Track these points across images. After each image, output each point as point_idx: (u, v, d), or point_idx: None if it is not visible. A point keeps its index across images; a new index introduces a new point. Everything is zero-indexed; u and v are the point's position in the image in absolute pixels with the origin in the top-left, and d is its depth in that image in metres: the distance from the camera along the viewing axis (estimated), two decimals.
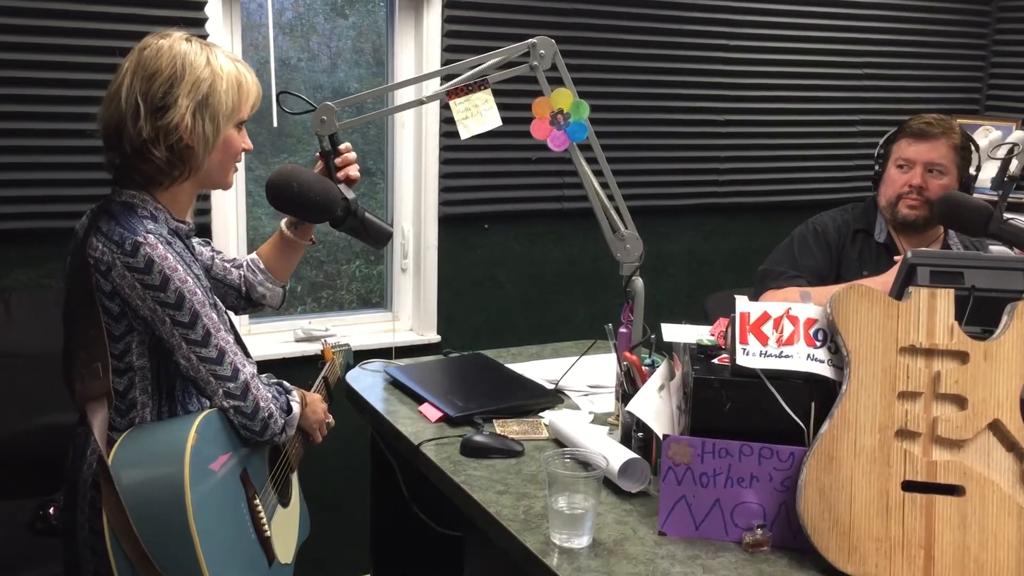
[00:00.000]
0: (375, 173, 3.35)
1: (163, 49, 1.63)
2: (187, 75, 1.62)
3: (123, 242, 1.56)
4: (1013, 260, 1.68)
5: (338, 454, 3.12)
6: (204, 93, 1.63)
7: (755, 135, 3.76)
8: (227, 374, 1.62)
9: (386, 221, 2.00)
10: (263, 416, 1.65)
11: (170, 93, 1.61)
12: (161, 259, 1.56)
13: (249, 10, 2.99)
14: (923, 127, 2.44)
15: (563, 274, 3.51)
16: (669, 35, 3.50)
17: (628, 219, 2.12)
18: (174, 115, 1.61)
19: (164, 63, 1.62)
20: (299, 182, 1.84)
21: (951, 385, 1.51)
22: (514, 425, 2.04)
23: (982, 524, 1.47)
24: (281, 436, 1.71)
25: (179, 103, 1.61)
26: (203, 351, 1.60)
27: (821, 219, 2.58)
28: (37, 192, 2.67)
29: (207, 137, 1.65)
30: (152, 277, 1.56)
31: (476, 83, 2.02)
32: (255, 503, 1.70)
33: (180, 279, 1.58)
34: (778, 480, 1.55)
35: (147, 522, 1.49)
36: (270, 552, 1.73)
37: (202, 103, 1.63)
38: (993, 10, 4.15)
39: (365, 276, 3.46)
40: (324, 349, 2.22)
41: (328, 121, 1.91)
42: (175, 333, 1.59)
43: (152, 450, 1.57)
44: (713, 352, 1.73)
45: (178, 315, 1.58)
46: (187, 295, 1.58)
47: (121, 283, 1.56)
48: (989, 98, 4.22)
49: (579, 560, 1.51)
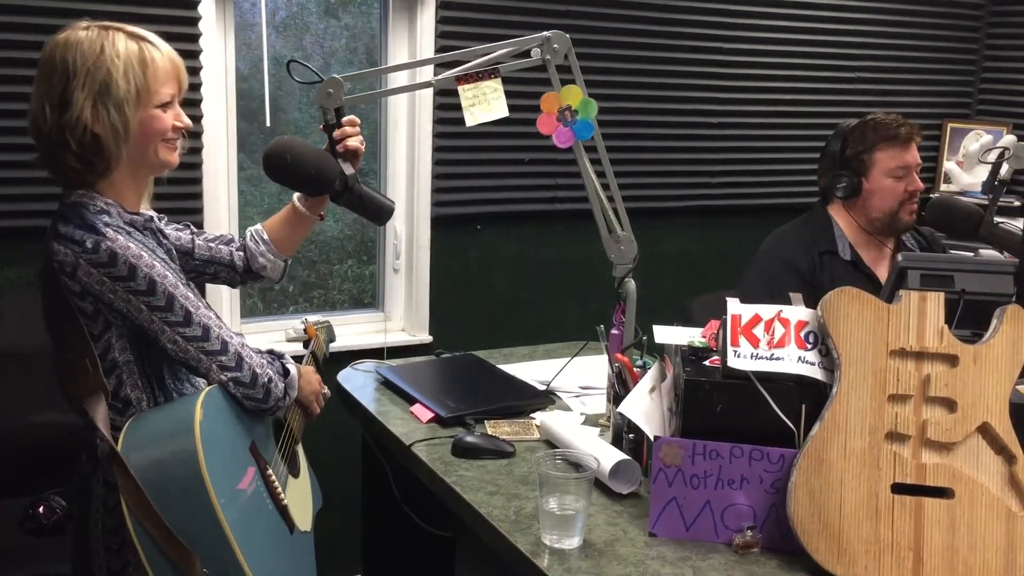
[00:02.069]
0: (368, 173, 3.35)
1: (58, 45, 1.60)
2: (80, 67, 1.57)
3: (83, 240, 1.54)
4: (1002, 264, 1.69)
5: (329, 454, 3.11)
6: (101, 82, 1.58)
7: (748, 138, 3.77)
8: (217, 348, 1.61)
9: (386, 196, 1.98)
10: (263, 382, 1.65)
11: (67, 88, 1.57)
12: (123, 249, 1.54)
13: (242, 9, 2.99)
14: (906, 131, 2.41)
15: (555, 275, 3.52)
16: (662, 38, 3.51)
17: (625, 221, 2.12)
18: (75, 110, 1.57)
19: (58, 60, 1.58)
20: (293, 154, 1.83)
21: (941, 388, 1.51)
22: (505, 426, 2.04)
23: (971, 526, 1.48)
24: (284, 400, 1.70)
25: (76, 97, 1.57)
26: (187, 330, 1.59)
27: (782, 247, 2.50)
28: (28, 190, 2.66)
29: (115, 126, 1.59)
30: (119, 269, 1.54)
31: (487, 71, 2.00)
32: (268, 473, 1.69)
33: (147, 264, 1.56)
34: (768, 482, 1.56)
35: (167, 500, 1.48)
36: (289, 520, 1.73)
37: (101, 92, 1.58)
38: (985, 15, 4.16)
39: (357, 276, 3.46)
40: (307, 327, 2.19)
41: (335, 94, 1.89)
42: (155, 319, 1.57)
43: (161, 428, 1.57)
44: (704, 354, 1.73)
45: (153, 300, 1.56)
46: (157, 279, 1.56)
47: (89, 281, 1.55)
48: (980, 102, 4.24)
49: (570, 561, 1.51)
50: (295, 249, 2.03)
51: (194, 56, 2.77)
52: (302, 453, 1.99)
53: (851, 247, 2.46)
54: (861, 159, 2.43)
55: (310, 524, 1.87)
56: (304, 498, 1.90)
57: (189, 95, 2.77)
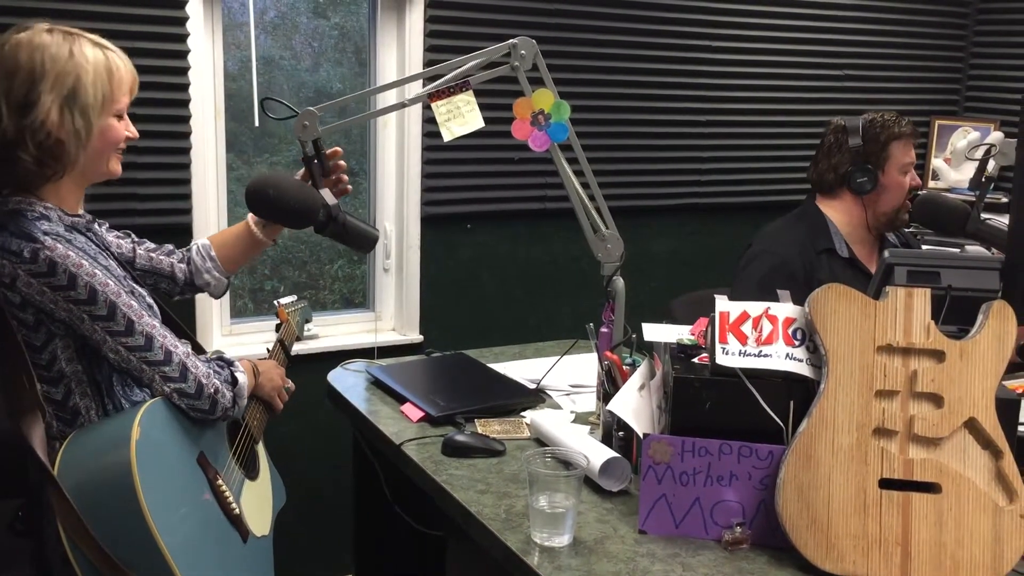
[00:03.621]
0: (357, 173, 3.35)
1: (22, 43, 1.56)
2: (48, 69, 1.55)
3: (21, 251, 1.51)
4: (989, 260, 1.70)
5: (320, 454, 3.12)
6: (70, 87, 1.56)
7: (737, 136, 3.78)
8: (160, 358, 1.58)
9: (371, 225, 2.00)
10: (209, 392, 1.61)
11: (33, 90, 1.54)
12: (63, 258, 1.52)
13: (231, 9, 2.98)
14: (911, 128, 2.42)
15: (545, 274, 3.52)
16: (651, 36, 3.51)
17: (609, 219, 2.12)
18: (39, 113, 1.54)
19: (23, 59, 1.55)
20: (276, 188, 1.84)
21: (927, 384, 1.52)
22: (496, 424, 2.05)
23: (958, 521, 1.49)
24: (233, 410, 1.67)
25: (42, 100, 1.54)
26: (129, 340, 1.56)
27: (776, 249, 2.47)
28: None
29: (78, 132, 1.58)
30: (59, 278, 1.51)
31: (458, 85, 2.02)
32: (218, 484, 1.67)
33: (88, 273, 1.53)
34: (757, 478, 1.56)
35: (103, 525, 1.45)
36: (243, 529, 1.71)
37: (69, 97, 1.56)
38: (972, 12, 4.18)
39: (348, 276, 3.45)
40: (278, 310, 2.15)
41: (311, 126, 1.91)
42: (96, 328, 1.55)
43: (96, 448, 1.54)
44: (693, 351, 1.74)
45: (95, 309, 1.54)
46: (98, 288, 1.54)
47: (29, 291, 1.52)
48: (968, 99, 4.26)
49: (560, 559, 1.51)
50: (239, 268, 2.02)
51: (182, 56, 2.77)
52: (263, 451, 1.96)
53: (846, 244, 2.47)
54: (878, 155, 2.43)
55: (268, 527, 1.85)
56: (262, 500, 1.88)
57: (178, 95, 2.79)
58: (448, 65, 2.05)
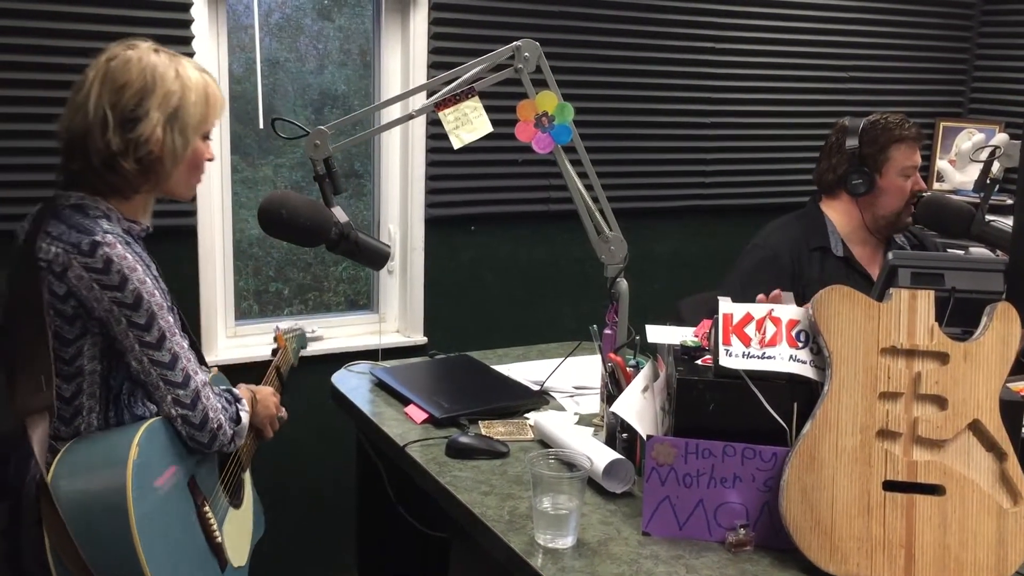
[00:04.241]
0: (362, 175, 3.35)
1: (132, 60, 1.62)
2: (158, 87, 1.61)
3: (79, 243, 1.54)
4: (993, 262, 1.70)
5: (324, 455, 3.12)
6: (175, 106, 1.63)
7: (741, 137, 3.78)
8: (178, 380, 1.60)
9: (381, 242, 2.00)
10: (211, 427, 1.63)
11: (140, 106, 1.60)
12: (120, 259, 1.54)
13: (236, 11, 2.99)
14: (916, 132, 2.41)
15: (549, 276, 3.52)
16: (655, 37, 3.51)
17: (612, 221, 2.12)
18: (145, 128, 1.60)
19: (134, 74, 1.60)
20: (288, 208, 1.85)
21: (931, 386, 1.52)
22: (499, 426, 2.05)
23: (962, 523, 1.48)
24: (230, 446, 1.69)
25: (151, 115, 1.60)
26: (156, 354, 1.58)
27: (770, 242, 2.49)
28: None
29: (176, 149, 1.64)
30: (111, 277, 1.54)
31: (464, 91, 2.02)
32: (204, 510, 1.67)
33: (139, 279, 1.56)
34: (761, 480, 1.56)
35: (90, 542, 1.45)
36: (222, 558, 1.71)
37: (173, 115, 1.63)
38: (976, 13, 4.18)
39: (352, 278, 3.46)
40: (277, 335, 2.18)
41: (322, 145, 1.92)
42: (129, 334, 1.57)
43: (92, 463, 1.53)
44: (696, 353, 1.74)
45: (135, 316, 1.56)
46: (145, 296, 1.56)
47: (78, 284, 1.54)
48: (972, 100, 4.25)
49: (563, 560, 1.51)
50: None
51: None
52: (248, 480, 1.97)
53: (843, 244, 2.46)
54: (876, 157, 2.41)
55: (246, 558, 1.85)
56: (243, 530, 1.87)
57: None
58: (450, 75, 2.05)
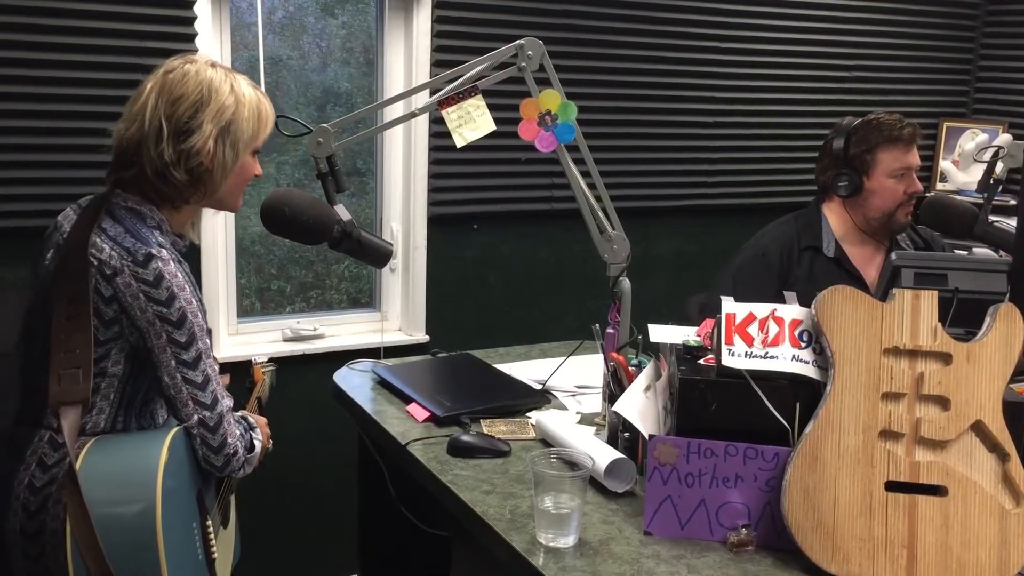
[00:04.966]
0: (365, 173, 3.35)
1: (189, 74, 1.65)
2: (213, 101, 1.64)
3: (135, 251, 1.55)
4: (996, 262, 1.69)
5: (325, 454, 3.12)
6: (228, 120, 1.65)
7: (745, 136, 3.78)
8: (207, 402, 1.62)
9: (384, 240, 2.00)
10: (227, 452, 1.65)
11: (195, 118, 1.63)
12: (171, 276, 1.56)
13: (239, 9, 2.99)
14: (910, 132, 2.40)
15: (551, 275, 3.52)
16: (659, 36, 3.51)
17: (615, 220, 2.12)
18: (198, 140, 1.62)
19: (191, 87, 1.63)
20: (291, 206, 1.85)
21: (934, 386, 1.52)
22: (501, 425, 2.05)
23: (964, 524, 1.48)
24: (239, 473, 1.71)
25: (204, 128, 1.63)
26: (190, 373, 1.60)
27: (762, 240, 2.50)
28: (26, 191, 2.65)
29: (226, 163, 1.66)
30: (160, 292, 1.56)
31: (467, 90, 2.02)
32: (207, 524, 1.69)
33: (186, 299, 1.58)
34: (763, 480, 1.56)
35: (115, 539, 1.45)
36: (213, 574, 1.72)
37: (225, 129, 1.65)
38: (981, 13, 4.17)
39: (354, 276, 3.46)
40: (255, 368, 2.22)
41: (324, 143, 1.91)
42: (168, 350, 1.58)
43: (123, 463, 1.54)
44: (699, 353, 1.73)
45: (176, 333, 1.58)
46: (189, 316, 1.58)
47: (125, 291, 1.55)
48: (976, 101, 4.25)
49: (565, 560, 1.51)
50: None
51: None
52: (234, 503, 1.98)
53: (837, 245, 2.46)
54: (863, 158, 2.41)
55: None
56: (227, 551, 1.89)
57: None
58: (454, 72, 2.05)
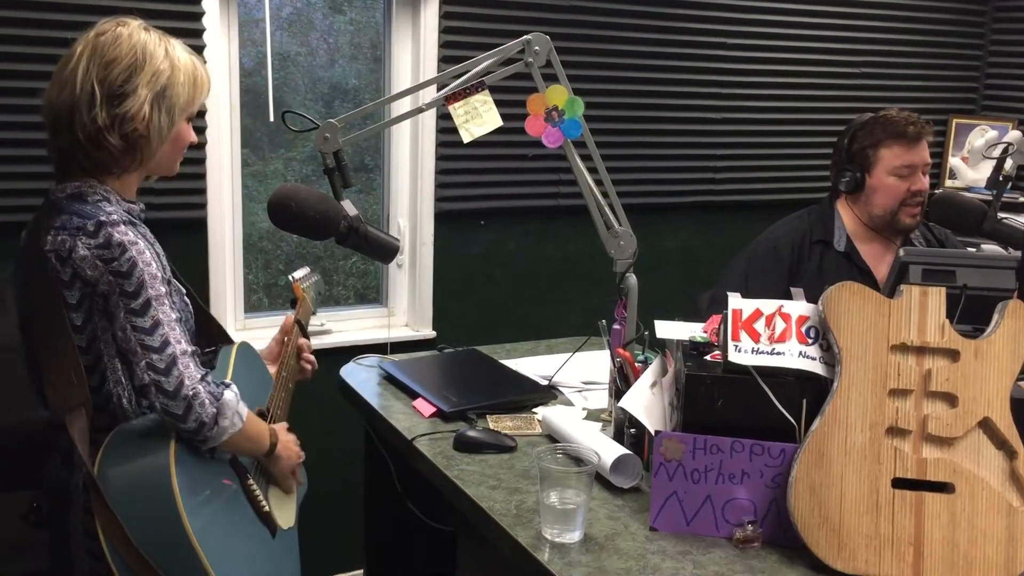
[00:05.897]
0: (372, 169, 3.35)
1: (122, 37, 1.60)
2: (148, 65, 1.60)
3: (84, 226, 1.53)
4: (1004, 259, 1.69)
5: (331, 448, 3.13)
6: (163, 84, 1.61)
7: (751, 133, 3.76)
8: (154, 345, 1.52)
9: (391, 235, 2.00)
10: (186, 395, 1.50)
11: (129, 82, 1.58)
12: (122, 234, 1.54)
13: (247, 5, 2.99)
14: (915, 130, 2.38)
15: (558, 271, 3.52)
16: (666, 32, 3.50)
17: (622, 216, 2.12)
18: (132, 104, 1.58)
19: (124, 51, 1.59)
20: (297, 201, 1.85)
21: (942, 383, 1.51)
22: (507, 420, 2.05)
23: (971, 521, 1.48)
24: (213, 429, 1.54)
25: (138, 92, 1.59)
26: (137, 320, 1.53)
27: (774, 234, 2.50)
28: (21, 185, 2.63)
29: (162, 128, 1.62)
30: (111, 251, 1.52)
31: (474, 85, 2.02)
32: (249, 483, 1.69)
33: (138, 251, 1.54)
34: (769, 476, 1.56)
35: (142, 530, 1.47)
36: (272, 525, 1.73)
37: (160, 95, 1.61)
38: (990, 10, 4.15)
39: (361, 272, 3.46)
40: (294, 286, 2.09)
41: (331, 139, 1.91)
42: (120, 304, 1.54)
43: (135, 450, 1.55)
44: (705, 349, 1.73)
45: (126, 284, 1.53)
46: (140, 265, 1.53)
47: (82, 264, 1.53)
48: (985, 97, 4.23)
49: (570, 555, 1.51)
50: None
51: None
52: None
53: (848, 240, 2.45)
54: (866, 155, 2.40)
55: (294, 518, 1.87)
56: (287, 498, 1.89)
57: None
58: (461, 67, 2.05)
